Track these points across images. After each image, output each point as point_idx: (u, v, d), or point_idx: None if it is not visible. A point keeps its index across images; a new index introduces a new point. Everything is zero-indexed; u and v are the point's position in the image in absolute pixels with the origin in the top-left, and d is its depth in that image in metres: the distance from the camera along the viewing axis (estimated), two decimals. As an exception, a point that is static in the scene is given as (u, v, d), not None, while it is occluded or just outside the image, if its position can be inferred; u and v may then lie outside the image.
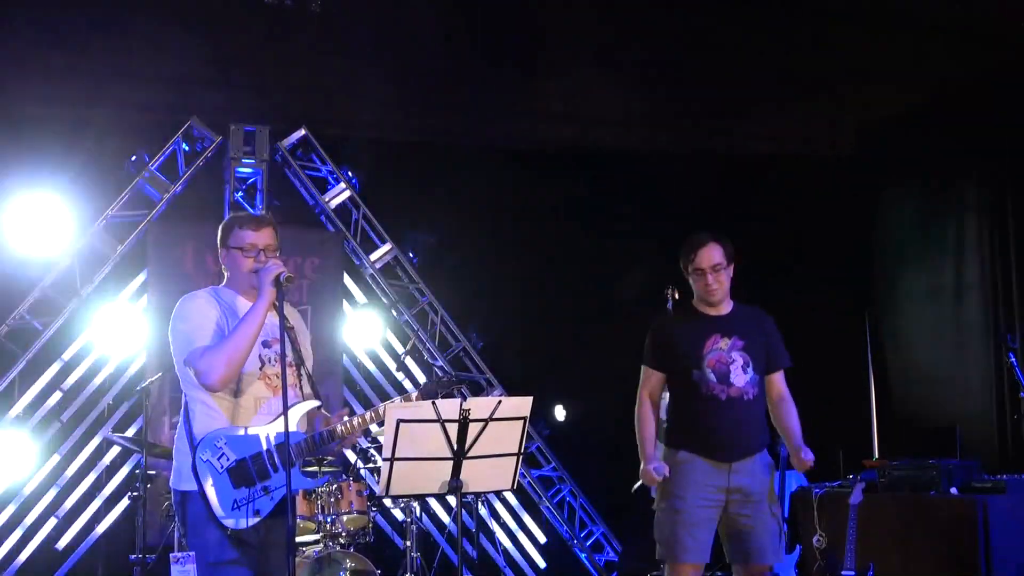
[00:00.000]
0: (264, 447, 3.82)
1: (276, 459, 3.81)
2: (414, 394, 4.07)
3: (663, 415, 4.85)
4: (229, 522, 3.75)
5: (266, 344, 3.94)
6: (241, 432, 3.83)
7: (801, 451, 4.62)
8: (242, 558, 3.79)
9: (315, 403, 3.97)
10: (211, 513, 3.75)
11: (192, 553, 3.95)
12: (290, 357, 3.89)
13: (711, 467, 4.58)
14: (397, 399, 4.13)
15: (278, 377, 3.81)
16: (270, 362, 3.92)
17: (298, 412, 3.91)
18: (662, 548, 4.64)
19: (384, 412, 3.73)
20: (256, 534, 3.80)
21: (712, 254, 4.67)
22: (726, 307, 4.75)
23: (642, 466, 4.69)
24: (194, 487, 3.77)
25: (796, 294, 8.73)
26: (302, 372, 3.98)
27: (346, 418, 3.94)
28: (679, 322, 4.86)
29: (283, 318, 3.82)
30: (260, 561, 3.84)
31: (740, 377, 4.61)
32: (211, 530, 3.77)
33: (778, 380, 4.79)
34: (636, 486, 4.79)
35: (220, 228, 4.05)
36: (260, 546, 3.83)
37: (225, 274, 4.06)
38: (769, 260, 8.63)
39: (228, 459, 3.78)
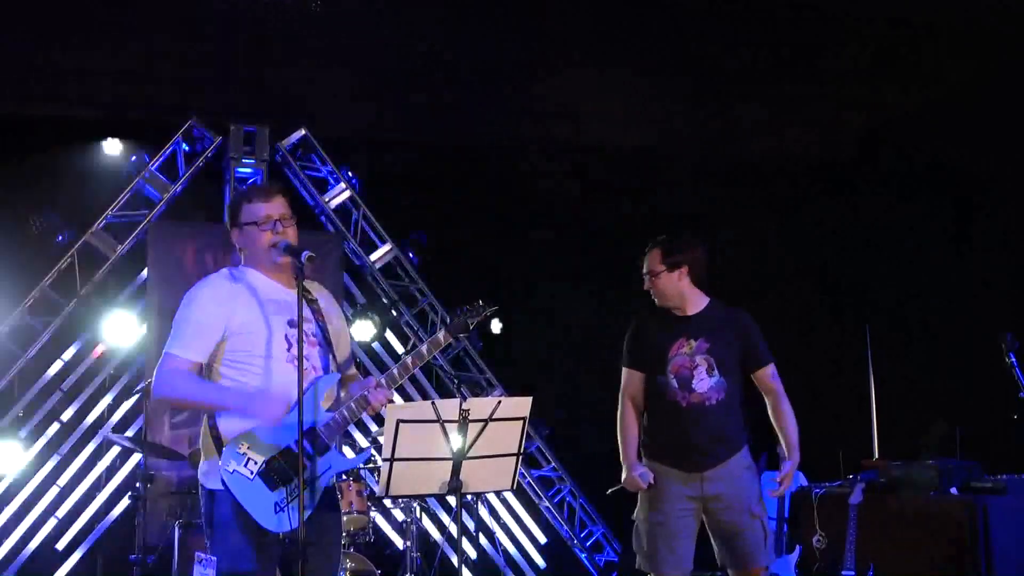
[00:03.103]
0: (292, 437, 3.50)
1: (307, 446, 3.52)
2: (441, 333, 3.71)
3: None
4: (272, 526, 3.49)
5: (292, 324, 3.62)
6: (262, 428, 3.55)
7: (784, 470, 4.49)
8: (259, 569, 3.52)
9: (336, 376, 3.72)
10: (239, 517, 3.50)
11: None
12: (318, 337, 3.70)
13: (683, 477, 4.52)
14: (424, 346, 3.72)
15: (308, 360, 3.60)
16: (297, 343, 3.56)
17: (322, 390, 3.66)
18: (643, 560, 4.59)
19: (411, 366, 3.67)
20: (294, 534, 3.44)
21: (648, 260, 4.70)
22: (696, 306, 4.65)
23: (624, 473, 4.63)
24: (219, 486, 3.53)
25: (797, 294, 8.74)
26: (330, 353, 3.71)
27: (375, 380, 3.69)
28: (651, 323, 4.76)
29: (301, 301, 3.54)
30: (295, 561, 3.41)
31: (703, 382, 4.52)
32: (233, 536, 3.53)
33: (765, 377, 4.65)
34: (613, 489, 4.75)
35: (228, 210, 3.85)
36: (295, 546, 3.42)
37: (242, 256, 3.80)
38: (769, 260, 8.64)
39: (256, 463, 3.50)
